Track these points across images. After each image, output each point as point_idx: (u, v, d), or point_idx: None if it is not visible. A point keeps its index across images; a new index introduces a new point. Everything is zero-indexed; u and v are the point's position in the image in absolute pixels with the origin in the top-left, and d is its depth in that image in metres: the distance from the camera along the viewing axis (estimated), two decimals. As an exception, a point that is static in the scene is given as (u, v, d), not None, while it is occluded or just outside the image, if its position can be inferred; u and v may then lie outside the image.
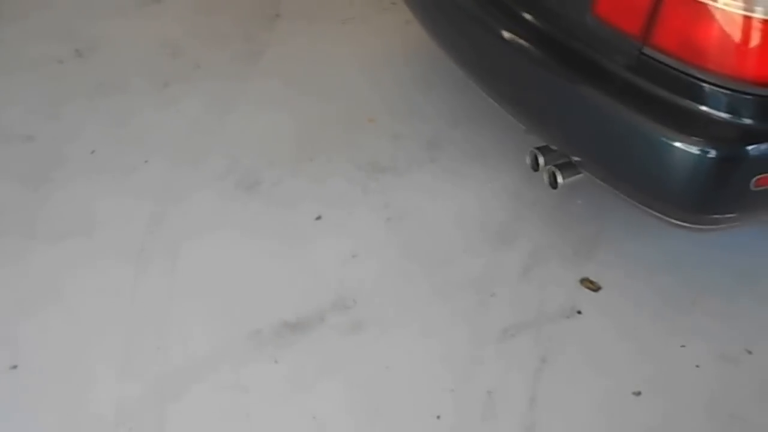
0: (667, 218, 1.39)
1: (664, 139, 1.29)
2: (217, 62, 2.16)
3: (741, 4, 1.18)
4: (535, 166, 1.57)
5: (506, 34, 1.48)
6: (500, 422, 1.38)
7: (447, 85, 2.02)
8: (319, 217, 1.75)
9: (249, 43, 2.21)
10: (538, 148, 1.56)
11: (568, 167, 1.52)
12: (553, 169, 1.52)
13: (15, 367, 1.47)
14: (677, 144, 1.28)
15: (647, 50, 1.27)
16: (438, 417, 1.39)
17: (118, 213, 1.77)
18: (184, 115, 2.01)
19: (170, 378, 1.46)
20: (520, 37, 1.46)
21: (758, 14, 1.18)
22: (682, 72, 1.25)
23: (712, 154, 1.25)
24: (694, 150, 1.27)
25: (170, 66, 2.15)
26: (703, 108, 1.26)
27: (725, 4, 1.19)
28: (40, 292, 1.61)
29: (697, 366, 1.45)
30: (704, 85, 1.25)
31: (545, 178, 1.54)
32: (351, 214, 1.76)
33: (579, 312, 1.55)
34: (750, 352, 1.46)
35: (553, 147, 1.53)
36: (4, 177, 1.85)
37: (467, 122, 1.94)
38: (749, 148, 1.26)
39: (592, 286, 1.59)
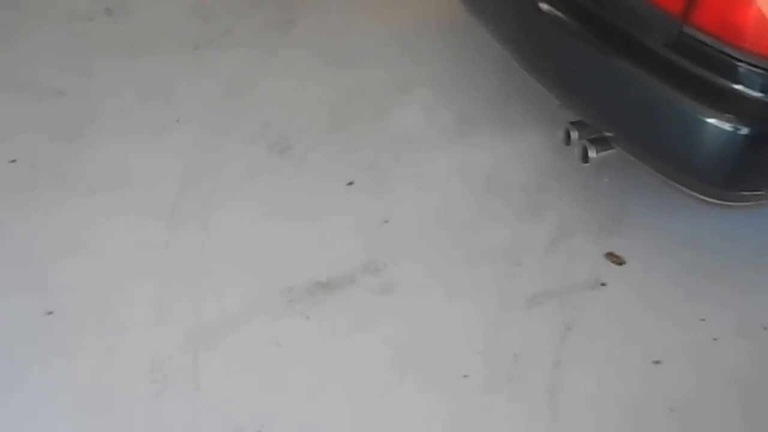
0: (696, 194, 1.49)
1: (697, 116, 1.39)
2: (249, 28, 2.24)
3: (781, -15, 1.28)
4: (567, 140, 1.67)
5: (545, 7, 1.57)
6: (525, 384, 1.48)
7: (481, 59, 2.10)
8: (351, 183, 1.84)
9: (282, 10, 2.30)
10: (571, 123, 1.65)
11: (600, 142, 1.61)
12: (586, 143, 1.61)
13: (51, 313, 1.57)
14: (710, 120, 1.37)
15: (686, 29, 1.37)
16: (465, 376, 1.49)
17: (150, 169, 1.86)
18: (215, 78, 2.10)
19: (204, 329, 1.56)
20: (560, 11, 1.55)
21: (796, -4, 1.28)
22: (719, 51, 1.35)
23: (744, 131, 1.35)
24: (727, 127, 1.36)
25: (201, 29, 2.24)
26: (738, 86, 1.36)
27: (766, -15, 1.29)
28: (74, 242, 1.70)
29: (715, 339, 1.55)
30: (740, 64, 1.34)
31: (577, 152, 1.64)
32: (382, 182, 1.85)
33: (603, 284, 1.65)
34: (766, 329, 1.57)
35: (587, 122, 1.63)
36: (36, 130, 1.94)
37: (500, 95, 2.04)
38: (780, 126, 1.37)
39: (617, 259, 1.69)
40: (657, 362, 1.52)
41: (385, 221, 1.76)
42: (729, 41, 1.34)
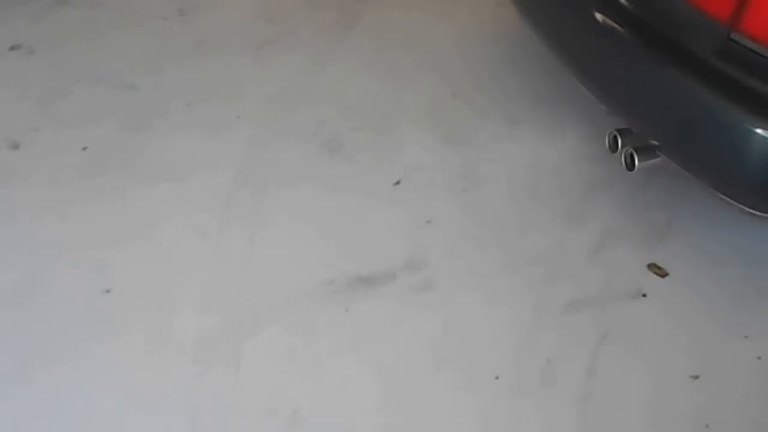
0: (742, 205, 1.48)
1: (744, 125, 1.39)
2: (310, 31, 2.35)
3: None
4: (614, 147, 1.68)
5: (596, 15, 1.60)
6: (557, 388, 1.51)
7: (534, 66, 2.15)
8: (398, 182, 1.92)
9: (343, 15, 2.40)
10: (618, 130, 1.67)
11: (646, 150, 1.62)
12: (632, 150, 1.63)
13: (109, 291, 1.70)
14: (757, 130, 1.37)
15: (735, 36, 1.38)
16: (497, 377, 1.54)
17: (209, 162, 1.99)
18: (275, 77, 2.22)
19: (248, 315, 1.66)
20: (610, 19, 1.58)
21: None
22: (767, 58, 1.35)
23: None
24: (775, 137, 1.36)
25: (265, 31, 2.36)
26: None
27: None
28: (135, 226, 1.84)
29: (759, 358, 1.54)
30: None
31: (622, 159, 1.65)
32: (429, 182, 1.92)
33: (644, 295, 1.66)
34: (817, 351, 1.54)
35: (634, 129, 1.64)
36: (108, 121, 2.10)
37: (550, 102, 2.07)
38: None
39: (660, 271, 1.69)
40: (695, 377, 1.52)
41: (428, 221, 1.82)
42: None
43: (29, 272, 1.73)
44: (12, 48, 2.31)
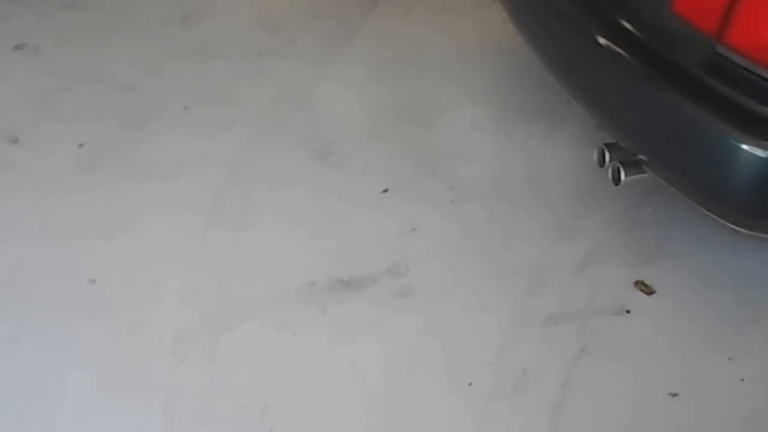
0: (727, 222, 1.51)
1: (730, 140, 1.42)
2: (311, 40, 2.43)
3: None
4: (602, 161, 1.72)
5: (583, 28, 1.65)
6: (530, 398, 1.52)
7: (533, 81, 2.19)
8: (385, 191, 1.96)
9: (344, 25, 2.47)
10: (606, 144, 1.71)
11: (632, 165, 1.66)
12: (618, 165, 1.66)
13: (94, 281, 1.76)
14: (742, 145, 1.40)
15: (721, 49, 1.41)
16: (470, 384, 1.55)
17: (200, 164, 2.05)
18: (273, 84, 2.28)
19: (226, 312, 1.69)
20: (597, 32, 1.63)
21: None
22: (754, 73, 1.38)
23: (777, 158, 1.38)
24: (760, 153, 1.39)
25: (266, 39, 2.44)
26: (772, 111, 1.39)
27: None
28: (123, 221, 1.89)
29: (742, 380, 1.54)
30: (774, 88, 1.38)
31: (609, 173, 1.69)
32: (416, 192, 1.96)
33: (628, 311, 1.67)
34: (802, 374, 1.54)
35: (622, 144, 1.68)
36: (107, 120, 2.17)
37: (546, 117, 2.12)
38: (816, 156, 1.37)
39: (647, 289, 1.71)
40: (673, 395, 1.52)
41: (414, 229, 1.86)
42: (764, 63, 1.38)
43: (16, 259, 1.79)
44: (17, 47, 2.41)
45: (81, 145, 2.10)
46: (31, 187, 1.97)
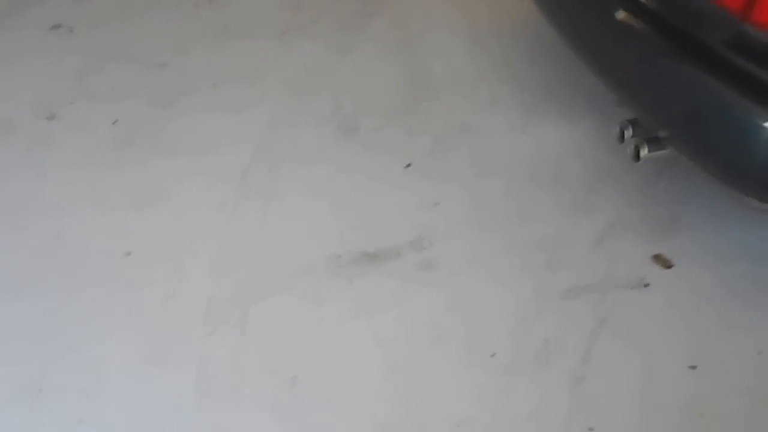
0: (747, 197, 1.41)
1: (753, 117, 1.32)
2: (334, 19, 2.33)
3: None
4: (621, 138, 1.62)
5: (605, 4, 1.54)
6: (551, 368, 1.46)
7: (552, 58, 2.09)
8: (409, 165, 1.88)
9: (366, 4, 2.36)
10: (627, 121, 1.61)
11: (653, 141, 1.56)
12: (638, 141, 1.56)
13: (129, 253, 1.71)
14: (764, 122, 1.30)
15: (746, 27, 1.31)
16: (493, 355, 1.49)
17: (230, 139, 1.98)
18: (299, 60, 2.20)
19: (256, 283, 1.64)
20: (619, 8, 1.52)
21: None
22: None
23: (802, 135, 1.28)
24: (783, 130, 1.29)
25: (290, 18, 2.34)
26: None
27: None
28: (156, 195, 1.84)
29: (759, 353, 1.47)
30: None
31: (629, 150, 1.59)
32: (439, 167, 1.88)
33: (646, 285, 1.59)
34: (817, 348, 1.46)
35: (643, 120, 1.57)
36: (139, 96, 2.11)
37: (564, 93, 2.01)
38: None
39: (665, 262, 1.62)
40: (692, 367, 1.45)
41: (436, 203, 1.78)
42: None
43: (55, 231, 1.75)
44: (53, 27, 2.34)
45: (115, 122, 2.04)
46: (68, 162, 1.92)
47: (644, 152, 1.56)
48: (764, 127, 1.32)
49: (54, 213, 1.79)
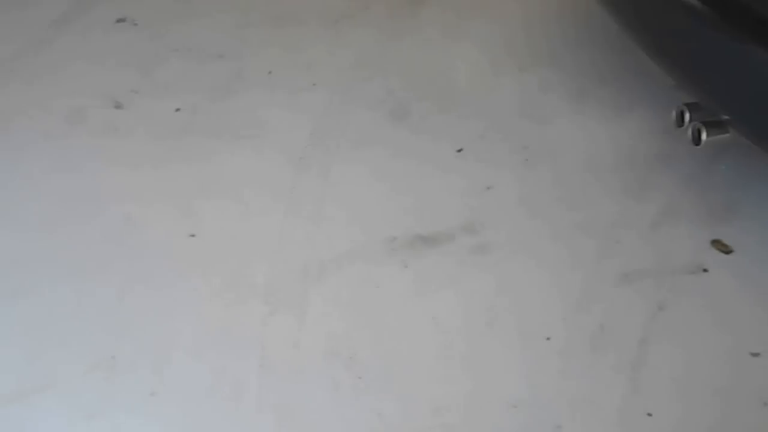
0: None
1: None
2: (385, 6, 2.28)
3: None
4: (680, 122, 1.54)
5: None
6: (608, 354, 1.41)
7: (600, 42, 2.02)
8: (460, 150, 1.84)
9: (416, -10, 2.34)
10: (686, 104, 1.52)
11: (714, 125, 1.48)
12: (699, 125, 1.48)
13: (193, 235, 1.71)
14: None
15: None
16: (548, 339, 1.44)
17: (286, 125, 1.96)
18: (350, 48, 2.17)
19: (314, 265, 1.62)
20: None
21: None
22: None
23: None
24: None
25: (341, 6, 2.31)
26: None
27: None
28: (218, 179, 1.83)
29: (825, 340, 1.38)
30: None
31: (689, 133, 1.51)
32: (491, 152, 1.83)
33: (705, 270, 1.52)
34: None
35: (703, 103, 1.49)
36: (199, 85, 2.10)
37: (617, 78, 1.94)
38: None
39: (724, 248, 1.55)
40: (755, 354, 1.38)
41: (488, 187, 1.74)
42: None
43: (124, 215, 1.76)
44: (118, 21, 2.35)
45: (177, 110, 2.04)
46: (134, 149, 1.93)
47: (705, 136, 1.48)
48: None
49: (123, 199, 1.80)
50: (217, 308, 1.57)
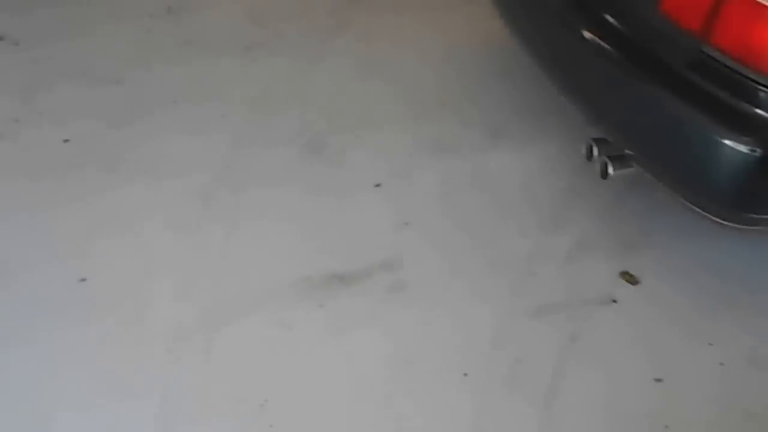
0: (708, 214, 1.58)
1: (714, 137, 1.48)
2: (300, 34, 2.44)
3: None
4: (590, 156, 1.78)
5: (574, 25, 1.71)
6: (523, 388, 1.57)
7: (520, 77, 2.24)
8: (378, 185, 1.99)
9: (332, 18, 2.49)
10: (594, 139, 1.76)
11: (620, 159, 1.71)
12: (606, 159, 1.72)
13: (84, 279, 1.75)
14: (726, 141, 1.47)
15: (707, 48, 1.46)
16: (465, 374, 1.59)
17: (192, 158, 2.06)
18: (263, 78, 2.29)
19: (222, 307, 1.71)
20: (587, 29, 1.68)
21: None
22: (737, 72, 1.43)
23: (757, 153, 1.43)
24: (740, 148, 1.45)
25: (255, 32, 2.44)
26: (754, 108, 1.44)
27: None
28: (113, 219, 1.90)
29: (722, 364, 1.62)
30: (757, 86, 1.43)
31: (597, 168, 1.75)
32: (409, 186, 1.99)
33: (614, 301, 1.73)
34: (779, 359, 1.61)
35: (610, 139, 1.75)
36: (93, 115, 2.16)
37: (535, 113, 2.17)
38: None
39: (631, 279, 1.77)
40: (658, 380, 1.59)
41: (407, 223, 1.89)
42: (747, 63, 1.43)
43: (4, 259, 1.78)
44: (-5, 39, 2.37)
45: (66, 141, 2.08)
46: (16, 186, 1.95)
47: (611, 171, 1.73)
48: (724, 147, 1.49)
49: (1, 237, 1.82)
50: (111, 358, 1.61)
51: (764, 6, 1.39)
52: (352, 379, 1.60)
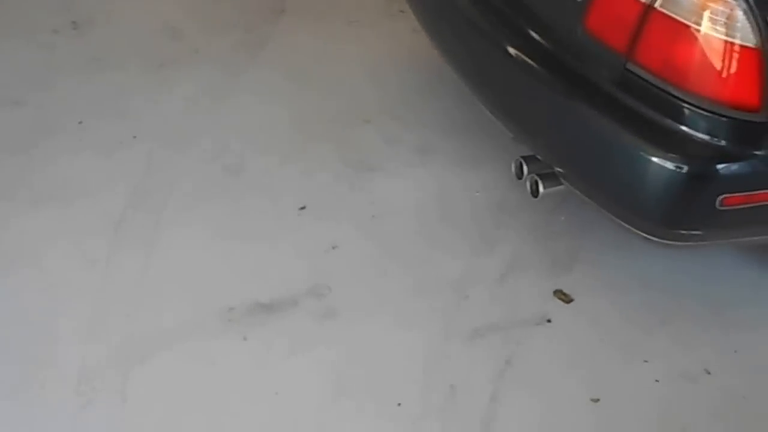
0: (637, 230, 1.63)
1: (639, 153, 1.53)
2: (217, 49, 2.41)
3: (722, 30, 1.42)
4: (520, 174, 1.80)
5: (499, 42, 1.73)
6: (459, 415, 1.58)
7: (447, 94, 2.26)
8: (303, 208, 1.97)
9: (251, 33, 2.48)
10: (523, 157, 1.79)
11: (550, 177, 1.75)
12: (536, 177, 1.75)
13: (-16, 319, 1.67)
14: (651, 158, 1.51)
15: (631, 66, 1.52)
16: (399, 404, 1.59)
17: (100, 185, 1.99)
18: (178, 96, 2.25)
19: (136, 343, 1.66)
20: (513, 46, 1.72)
21: (737, 40, 1.42)
22: (662, 89, 1.49)
23: (683, 169, 1.50)
24: (667, 165, 1.50)
25: (168, 48, 2.40)
26: (678, 125, 1.50)
27: (707, 28, 1.43)
28: (15, 252, 1.81)
29: (657, 381, 1.67)
30: (681, 103, 1.49)
31: (528, 186, 1.77)
32: (335, 208, 1.99)
33: (549, 320, 1.77)
34: (709, 373, 1.68)
35: (539, 156, 1.76)
36: (-10, 138, 2.08)
37: (462, 130, 2.19)
38: (718, 167, 1.50)
39: (565, 297, 1.81)
40: (595, 400, 1.62)
41: (334, 247, 1.88)
42: (670, 81, 1.49)
43: None
44: None
45: (-39, 168, 2.00)
46: None
47: (542, 189, 1.74)
48: (650, 164, 1.53)
49: None
50: (13, 406, 1.53)
51: (684, 24, 1.43)
52: (280, 414, 1.58)
